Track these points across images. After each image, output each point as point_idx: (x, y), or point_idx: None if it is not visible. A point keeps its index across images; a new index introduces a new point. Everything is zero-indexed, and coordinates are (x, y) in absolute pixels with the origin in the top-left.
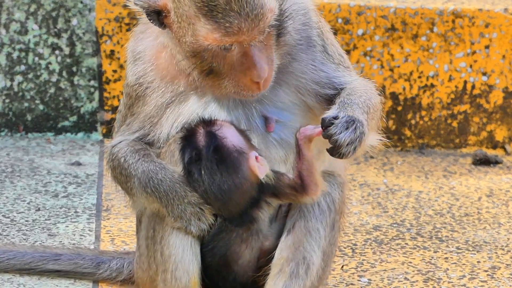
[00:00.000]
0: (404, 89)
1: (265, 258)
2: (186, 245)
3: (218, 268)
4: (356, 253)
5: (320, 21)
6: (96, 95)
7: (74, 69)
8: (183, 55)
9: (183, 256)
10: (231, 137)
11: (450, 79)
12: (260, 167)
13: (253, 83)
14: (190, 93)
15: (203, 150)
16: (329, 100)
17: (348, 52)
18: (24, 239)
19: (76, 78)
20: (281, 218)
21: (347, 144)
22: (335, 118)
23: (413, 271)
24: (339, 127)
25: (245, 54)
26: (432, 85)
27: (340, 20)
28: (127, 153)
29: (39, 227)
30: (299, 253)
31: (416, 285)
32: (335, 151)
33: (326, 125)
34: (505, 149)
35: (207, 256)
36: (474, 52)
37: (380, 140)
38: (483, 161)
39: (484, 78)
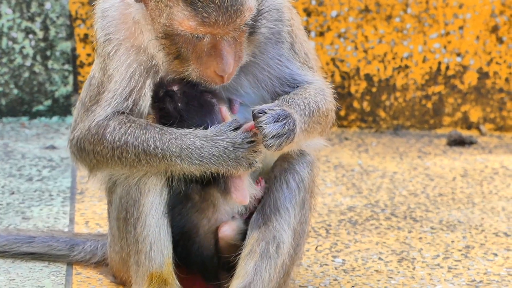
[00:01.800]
0: (378, 70)
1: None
2: (163, 225)
3: (182, 242)
4: (330, 233)
5: (292, 18)
6: (71, 78)
7: (48, 53)
8: (153, 35)
9: (160, 236)
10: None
11: (424, 60)
12: (226, 113)
13: (217, 76)
14: (159, 69)
15: (183, 92)
16: None
17: (322, 34)
18: None
19: (50, 62)
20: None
21: (272, 137)
22: (269, 109)
23: (387, 251)
24: (269, 118)
25: (215, 46)
26: (407, 66)
27: (314, 2)
28: (133, 129)
29: (13, 211)
30: (269, 232)
31: (390, 265)
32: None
33: (255, 115)
34: (479, 130)
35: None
36: (448, 33)
37: (325, 145)
38: (458, 142)
39: (459, 59)
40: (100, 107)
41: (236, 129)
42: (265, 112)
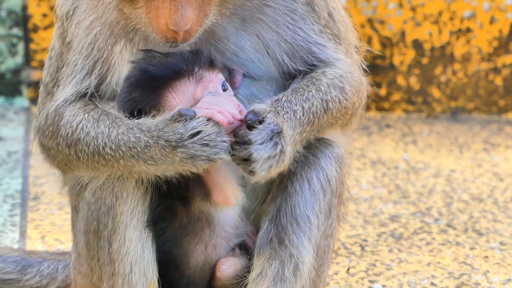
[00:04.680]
0: (430, 35)
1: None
2: (146, 240)
3: (165, 272)
4: (367, 251)
5: None
6: (20, 47)
7: None
8: None
9: (143, 254)
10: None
11: (492, 21)
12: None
13: (169, 30)
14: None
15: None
16: (292, 74)
17: None
18: None
19: None
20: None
21: (263, 161)
22: (260, 122)
23: (443, 274)
24: (261, 135)
25: None
26: (468, 30)
27: None
28: (88, 121)
29: None
30: (284, 249)
31: None
32: (247, 164)
33: (247, 124)
34: None
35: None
36: None
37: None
38: None
39: None
40: (60, 88)
41: (182, 118)
42: (254, 126)
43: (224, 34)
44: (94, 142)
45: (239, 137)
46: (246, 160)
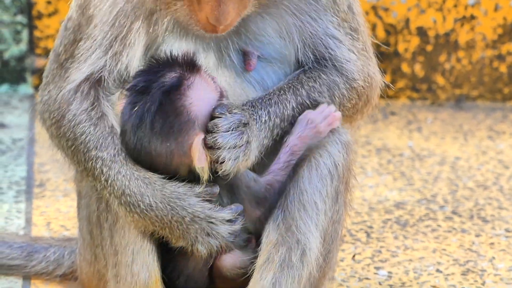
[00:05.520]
0: (435, 22)
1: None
2: (148, 232)
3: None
4: (372, 238)
5: None
6: (25, 34)
7: None
8: None
9: (144, 244)
10: (196, 94)
11: (496, 8)
12: (201, 155)
13: (209, 24)
14: (155, 13)
15: (154, 86)
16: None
17: None
18: None
19: None
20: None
21: (229, 149)
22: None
23: (448, 261)
24: (225, 122)
25: None
26: (473, 17)
27: None
28: (90, 137)
29: None
30: (292, 235)
31: (452, 279)
32: (214, 152)
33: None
34: None
35: None
36: None
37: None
38: None
39: None
40: (74, 66)
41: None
42: (221, 114)
43: (246, 16)
44: (92, 160)
45: (207, 127)
46: (213, 149)
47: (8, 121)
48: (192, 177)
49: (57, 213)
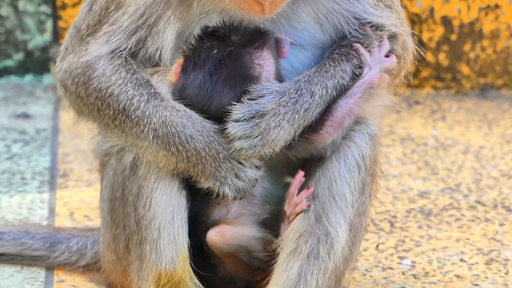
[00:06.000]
0: (459, 11)
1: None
2: (177, 205)
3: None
4: (396, 228)
5: None
6: (49, 24)
7: None
8: None
9: (172, 220)
10: (267, 59)
11: None
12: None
13: (255, 2)
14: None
15: (232, 38)
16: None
17: None
18: None
19: (21, 3)
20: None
21: (239, 138)
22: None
23: (472, 251)
24: (242, 111)
25: None
26: (497, 6)
27: None
28: (125, 81)
29: None
30: (321, 227)
31: (476, 268)
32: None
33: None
34: None
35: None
36: None
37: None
38: None
39: None
40: (96, 42)
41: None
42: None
43: None
44: (126, 101)
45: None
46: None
47: (32, 111)
48: None
49: (80, 203)
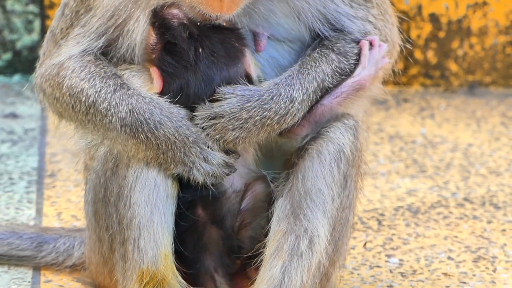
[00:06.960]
0: (447, 8)
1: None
2: (157, 202)
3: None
4: (384, 226)
5: None
6: (37, 24)
7: None
8: None
9: (151, 217)
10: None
11: None
12: (254, 67)
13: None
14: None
15: (199, 27)
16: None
17: None
18: None
19: (9, 3)
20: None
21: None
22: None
23: (460, 248)
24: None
25: None
26: (485, 3)
27: None
28: (93, 76)
29: None
30: (299, 223)
31: (464, 266)
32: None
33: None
34: None
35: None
36: None
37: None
38: None
39: None
40: (68, 44)
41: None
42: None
43: None
44: (95, 94)
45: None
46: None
47: (20, 111)
48: None
49: (68, 204)
